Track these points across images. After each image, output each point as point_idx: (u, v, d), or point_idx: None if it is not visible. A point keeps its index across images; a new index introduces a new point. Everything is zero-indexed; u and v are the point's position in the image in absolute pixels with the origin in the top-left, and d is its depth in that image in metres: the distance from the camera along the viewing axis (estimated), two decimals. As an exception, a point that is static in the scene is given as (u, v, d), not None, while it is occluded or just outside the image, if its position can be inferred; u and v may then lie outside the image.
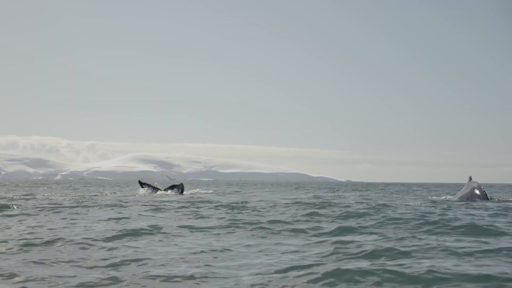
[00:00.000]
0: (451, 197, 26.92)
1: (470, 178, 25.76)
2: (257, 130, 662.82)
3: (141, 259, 6.40)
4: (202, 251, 7.00)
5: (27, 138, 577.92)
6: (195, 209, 14.57)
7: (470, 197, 23.81)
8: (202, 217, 12.01)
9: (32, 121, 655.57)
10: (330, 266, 5.86)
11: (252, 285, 5.22)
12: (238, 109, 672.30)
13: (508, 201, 23.46)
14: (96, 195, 24.86)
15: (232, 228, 9.78)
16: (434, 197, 29.06)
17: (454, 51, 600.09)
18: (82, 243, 7.56)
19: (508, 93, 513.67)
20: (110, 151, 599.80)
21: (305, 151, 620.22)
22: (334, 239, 8.18)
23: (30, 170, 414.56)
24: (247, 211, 14.17)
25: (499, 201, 22.64)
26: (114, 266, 6.09)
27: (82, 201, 18.19)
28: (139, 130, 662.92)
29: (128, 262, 6.25)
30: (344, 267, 5.73)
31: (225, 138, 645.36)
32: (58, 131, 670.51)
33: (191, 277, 5.53)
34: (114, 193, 28.87)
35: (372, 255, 6.65)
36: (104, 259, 6.43)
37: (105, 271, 5.84)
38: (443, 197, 27.08)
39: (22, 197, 21.75)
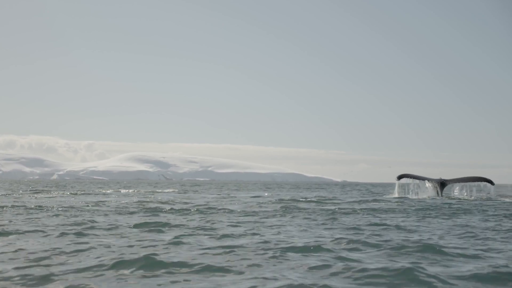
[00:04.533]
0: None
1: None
2: (255, 130, 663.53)
3: None
4: None
5: (25, 138, 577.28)
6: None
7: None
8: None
9: (30, 121, 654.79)
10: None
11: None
12: (236, 110, 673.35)
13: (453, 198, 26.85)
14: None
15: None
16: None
17: (451, 50, 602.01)
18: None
19: (506, 93, 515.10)
20: (108, 150, 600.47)
21: (302, 151, 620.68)
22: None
23: (27, 169, 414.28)
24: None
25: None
26: None
27: None
28: (137, 130, 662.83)
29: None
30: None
31: (223, 138, 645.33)
32: (56, 130, 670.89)
33: None
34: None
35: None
36: None
37: None
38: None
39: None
